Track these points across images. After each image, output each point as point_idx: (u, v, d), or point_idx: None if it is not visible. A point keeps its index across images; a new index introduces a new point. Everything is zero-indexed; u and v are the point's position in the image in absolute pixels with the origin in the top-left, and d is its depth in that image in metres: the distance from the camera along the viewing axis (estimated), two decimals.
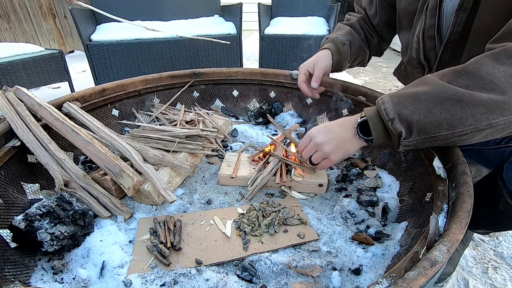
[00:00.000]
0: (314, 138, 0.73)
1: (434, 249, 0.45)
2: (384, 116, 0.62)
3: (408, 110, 0.58)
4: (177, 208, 0.80)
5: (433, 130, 0.57)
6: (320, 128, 0.74)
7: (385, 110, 0.61)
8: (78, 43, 3.68)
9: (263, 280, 0.61)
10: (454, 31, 0.75)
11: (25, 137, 0.77)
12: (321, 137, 0.72)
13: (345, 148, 0.71)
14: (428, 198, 0.70)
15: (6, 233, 0.65)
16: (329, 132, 0.72)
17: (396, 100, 0.61)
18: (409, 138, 0.60)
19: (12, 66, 1.87)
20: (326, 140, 0.71)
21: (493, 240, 1.11)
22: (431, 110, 0.57)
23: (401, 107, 0.59)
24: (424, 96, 0.58)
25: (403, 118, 0.59)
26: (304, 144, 0.77)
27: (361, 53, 1.06)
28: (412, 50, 0.87)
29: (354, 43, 1.03)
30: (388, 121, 0.61)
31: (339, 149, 0.71)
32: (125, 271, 0.62)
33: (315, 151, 0.74)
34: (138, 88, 1.15)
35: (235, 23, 2.45)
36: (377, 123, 0.64)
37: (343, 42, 1.00)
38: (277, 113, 1.29)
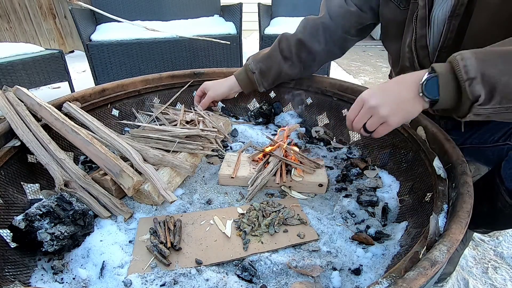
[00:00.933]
0: (368, 102, 0.63)
1: (434, 249, 0.45)
2: (461, 75, 0.52)
3: (496, 69, 0.50)
4: (177, 208, 0.80)
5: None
6: (374, 90, 0.64)
7: (465, 67, 0.52)
8: (78, 43, 3.68)
9: (263, 280, 0.61)
10: (447, 37, 0.74)
11: (25, 137, 0.77)
12: (376, 99, 0.62)
13: (405, 109, 0.61)
14: (428, 198, 0.70)
15: (6, 233, 0.65)
16: (385, 92, 0.62)
17: (481, 56, 0.52)
18: (486, 104, 0.51)
19: (12, 66, 1.87)
20: (382, 101, 0.61)
21: (493, 240, 1.11)
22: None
23: (487, 65, 0.50)
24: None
25: (487, 78, 0.50)
26: (355, 111, 0.67)
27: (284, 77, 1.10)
28: (405, 59, 0.86)
29: (268, 70, 1.07)
30: (466, 80, 0.52)
31: (398, 111, 0.61)
32: (125, 271, 0.62)
33: (369, 117, 0.65)
34: (138, 88, 1.15)
35: (235, 23, 2.45)
36: (449, 82, 0.55)
37: (252, 71, 1.06)
38: (277, 113, 1.29)
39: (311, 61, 1.08)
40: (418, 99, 0.59)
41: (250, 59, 1.10)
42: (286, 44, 1.05)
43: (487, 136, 0.79)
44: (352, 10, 0.93)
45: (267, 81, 1.10)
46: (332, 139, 1.15)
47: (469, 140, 0.85)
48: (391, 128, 0.64)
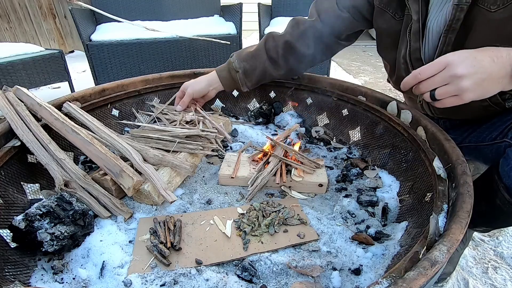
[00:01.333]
0: (455, 67, 0.56)
1: (434, 249, 0.45)
2: None
3: None
4: (177, 208, 0.80)
5: None
6: (466, 56, 0.57)
7: None
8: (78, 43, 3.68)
9: (263, 280, 0.61)
10: (443, 50, 0.73)
11: (25, 137, 0.77)
12: (466, 67, 0.55)
13: (488, 88, 0.57)
14: (428, 198, 0.70)
15: (6, 233, 0.65)
16: (477, 64, 0.55)
17: None
18: None
19: (12, 66, 1.87)
20: (470, 72, 0.55)
21: (493, 240, 1.11)
22: None
23: None
24: None
25: None
26: (431, 71, 0.60)
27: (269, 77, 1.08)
28: (401, 70, 0.86)
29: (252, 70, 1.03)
30: None
31: (481, 87, 0.56)
32: (125, 271, 0.62)
33: (445, 84, 0.59)
34: (138, 88, 1.15)
35: (235, 23, 2.45)
36: None
37: (236, 70, 1.03)
38: (277, 113, 1.29)
39: (297, 63, 1.05)
40: (508, 80, 0.56)
41: (234, 56, 1.06)
42: (273, 44, 1.02)
43: (485, 135, 0.79)
44: (344, 16, 0.92)
45: (251, 81, 1.07)
46: (332, 139, 1.15)
47: (467, 139, 0.85)
48: (462, 103, 0.59)
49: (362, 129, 1.08)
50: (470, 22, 0.67)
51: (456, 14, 0.67)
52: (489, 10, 0.63)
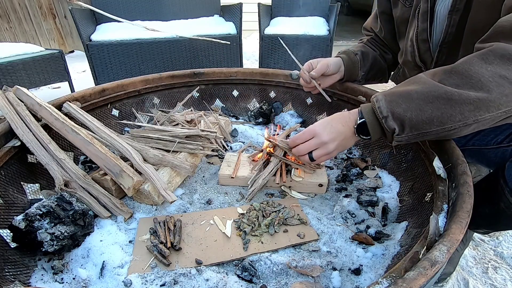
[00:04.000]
0: (320, 136, 0.72)
1: (434, 249, 0.45)
2: (378, 114, 0.64)
3: (400, 108, 0.61)
4: (177, 208, 0.80)
5: (424, 127, 0.60)
6: (324, 126, 0.73)
7: (379, 108, 0.63)
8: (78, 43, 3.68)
9: (263, 280, 0.61)
10: (448, 32, 0.76)
11: (25, 137, 0.77)
12: (327, 135, 0.72)
13: (346, 144, 0.74)
14: (428, 198, 0.70)
15: (6, 233, 0.65)
16: (333, 130, 0.72)
17: (389, 98, 0.63)
18: (401, 134, 0.62)
19: (12, 66, 1.87)
20: (332, 138, 0.72)
21: (493, 240, 1.11)
22: (423, 108, 0.59)
23: (394, 105, 0.62)
24: (416, 95, 0.60)
25: (396, 116, 0.61)
26: (303, 139, 0.76)
27: (376, 66, 1.07)
28: (407, 53, 0.88)
29: (367, 54, 1.04)
30: (382, 118, 0.63)
31: (341, 146, 0.73)
32: (125, 271, 0.62)
33: (317, 148, 0.74)
34: (138, 88, 1.15)
35: (235, 23, 2.45)
36: (373, 121, 0.66)
37: (354, 52, 1.02)
38: (277, 113, 1.29)
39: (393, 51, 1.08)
40: (354, 137, 0.72)
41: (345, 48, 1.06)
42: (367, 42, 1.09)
43: (490, 138, 0.79)
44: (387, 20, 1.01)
45: (365, 66, 1.05)
46: None
47: (471, 141, 0.84)
48: (331, 157, 0.77)
49: None
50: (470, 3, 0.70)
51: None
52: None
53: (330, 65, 0.99)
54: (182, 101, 1.20)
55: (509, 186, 0.67)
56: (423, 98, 0.59)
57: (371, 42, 1.09)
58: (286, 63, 2.50)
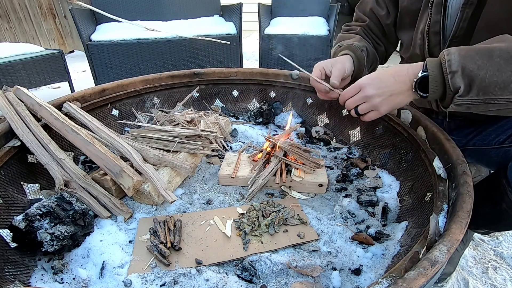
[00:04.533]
0: (365, 90, 0.69)
1: (434, 249, 0.45)
2: (445, 68, 0.57)
3: (475, 64, 0.54)
4: (177, 208, 0.80)
5: (495, 92, 0.53)
6: (372, 78, 0.69)
7: (449, 61, 0.57)
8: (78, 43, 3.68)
9: (263, 280, 0.61)
10: (460, 26, 0.74)
11: (25, 137, 0.77)
12: (373, 89, 0.67)
13: (396, 100, 0.68)
14: (428, 198, 0.70)
15: (6, 233, 0.65)
16: (382, 83, 0.67)
17: (464, 52, 0.56)
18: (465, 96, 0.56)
19: (12, 66, 1.87)
20: (378, 92, 0.67)
21: (493, 240, 1.11)
22: (502, 68, 0.53)
23: (468, 60, 0.55)
24: (498, 52, 0.53)
25: (467, 72, 0.55)
26: (350, 93, 0.72)
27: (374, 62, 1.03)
28: (416, 47, 0.85)
29: (369, 50, 0.98)
30: (449, 73, 0.57)
31: (390, 101, 0.68)
32: (125, 271, 0.62)
33: (362, 102, 0.70)
34: (138, 88, 1.15)
35: (235, 23, 2.45)
36: (438, 78, 0.59)
37: (361, 49, 0.92)
38: (277, 113, 1.29)
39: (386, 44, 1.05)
40: (410, 92, 0.65)
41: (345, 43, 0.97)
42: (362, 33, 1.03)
43: (491, 138, 0.79)
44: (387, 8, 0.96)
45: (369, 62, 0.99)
46: (332, 139, 1.15)
47: (472, 141, 0.84)
48: (380, 115, 0.71)
49: (362, 129, 1.08)
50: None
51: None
52: None
53: (346, 69, 0.87)
54: (182, 101, 1.20)
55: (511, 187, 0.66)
56: (507, 57, 0.52)
57: (365, 32, 1.02)
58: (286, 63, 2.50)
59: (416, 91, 0.64)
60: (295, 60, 0.98)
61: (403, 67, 0.67)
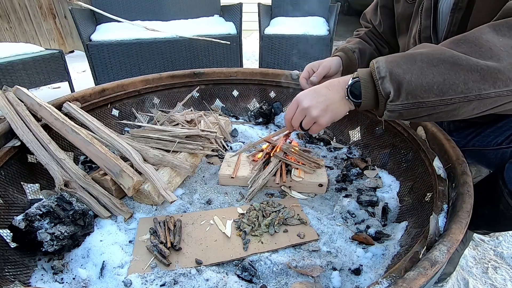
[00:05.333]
0: (302, 103, 0.70)
1: (434, 249, 0.45)
2: (375, 75, 0.60)
3: (400, 69, 0.57)
4: (177, 208, 0.80)
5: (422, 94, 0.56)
6: (307, 92, 0.70)
7: (377, 68, 0.60)
8: (78, 43, 3.68)
9: (263, 280, 0.61)
10: (450, 30, 0.75)
11: (25, 137, 0.77)
12: (308, 100, 0.69)
13: (333, 110, 0.68)
14: (428, 198, 0.70)
15: (6, 233, 0.65)
16: (316, 95, 0.69)
17: (390, 59, 0.59)
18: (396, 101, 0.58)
19: (12, 66, 1.86)
20: (313, 103, 0.68)
21: (493, 240, 1.11)
22: (425, 71, 0.56)
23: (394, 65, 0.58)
24: (420, 57, 0.57)
25: (394, 77, 0.57)
26: (292, 111, 0.74)
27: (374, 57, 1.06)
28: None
29: (364, 51, 1.03)
30: (379, 79, 0.59)
31: (327, 112, 0.68)
32: (125, 271, 0.62)
33: (303, 117, 0.71)
34: (138, 88, 1.15)
35: (235, 23, 2.45)
36: (368, 83, 0.62)
37: (352, 50, 1.01)
38: (277, 113, 1.29)
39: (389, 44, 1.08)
40: (344, 101, 0.67)
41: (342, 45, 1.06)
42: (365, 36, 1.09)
43: (490, 139, 0.79)
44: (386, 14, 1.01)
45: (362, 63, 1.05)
46: (332, 139, 1.15)
47: (471, 142, 0.84)
48: (322, 127, 0.71)
49: (362, 129, 1.08)
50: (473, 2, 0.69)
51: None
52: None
53: (331, 67, 0.98)
54: (182, 101, 1.20)
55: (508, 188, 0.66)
56: (427, 60, 0.56)
57: (368, 35, 1.08)
58: (286, 63, 2.50)
59: (349, 98, 0.66)
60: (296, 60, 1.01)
61: (335, 79, 0.70)
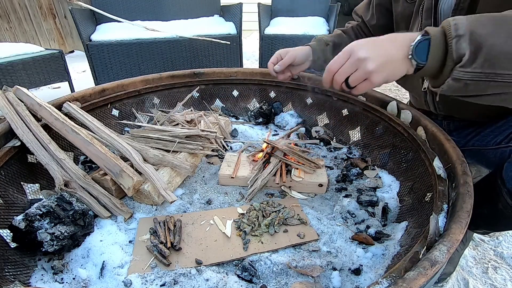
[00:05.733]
0: (356, 52, 0.59)
1: (434, 249, 0.45)
2: (450, 32, 0.51)
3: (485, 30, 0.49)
4: (177, 208, 0.80)
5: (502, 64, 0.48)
6: (365, 41, 0.60)
7: (455, 25, 0.51)
8: (78, 43, 3.68)
9: (263, 280, 0.61)
10: None
11: (25, 137, 0.77)
12: (366, 51, 0.58)
13: (391, 68, 0.59)
14: (428, 198, 0.70)
15: (6, 233, 0.65)
16: (376, 46, 0.59)
17: (473, 18, 0.51)
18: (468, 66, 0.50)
19: (12, 66, 1.86)
20: (372, 55, 0.58)
21: (493, 240, 1.11)
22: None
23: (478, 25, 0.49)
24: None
25: (474, 37, 0.49)
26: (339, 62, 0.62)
27: None
28: None
29: (339, 44, 1.02)
30: (454, 37, 0.51)
31: (385, 69, 0.58)
32: (125, 271, 0.62)
33: (354, 70, 0.61)
34: (138, 88, 1.15)
35: (235, 23, 2.44)
36: (439, 43, 0.53)
37: (326, 42, 1.01)
38: (277, 113, 1.29)
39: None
40: (406, 61, 0.58)
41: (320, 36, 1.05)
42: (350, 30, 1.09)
43: (489, 139, 0.79)
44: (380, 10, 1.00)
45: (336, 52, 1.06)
46: (332, 139, 1.15)
47: (471, 142, 0.84)
48: (373, 86, 0.62)
49: (362, 129, 1.08)
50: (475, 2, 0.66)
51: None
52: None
53: (297, 56, 0.97)
54: (182, 101, 1.20)
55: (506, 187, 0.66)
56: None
57: (354, 29, 1.08)
58: None
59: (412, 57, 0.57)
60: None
61: (399, 34, 0.60)
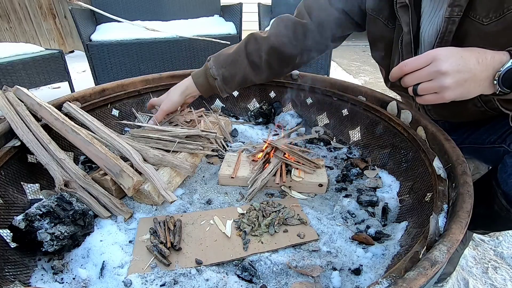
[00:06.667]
0: (439, 63, 0.54)
1: (434, 249, 0.45)
2: None
3: None
4: (177, 208, 0.80)
5: None
6: (453, 52, 0.55)
7: None
8: (78, 43, 3.68)
9: (263, 280, 0.61)
10: None
11: (25, 137, 0.77)
12: (450, 65, 0.54)
13: (468, 87, 0.55)
14: (428, 198, 0.70)
15: (6, 233, 0.65)
16: (462, 62, 0.54)
17: None
18: None
19: (12, 66, 1.86)
20: (454, 70, 0.53)
21: (493, 240, 1.11)
22: None
23: None
24: None
25: None
26: (418, 64, 0.57)
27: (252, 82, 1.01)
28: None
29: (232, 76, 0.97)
30: None
31: (461, 87, 0.54)
32: (125, 271, 0.62)
33: (429, 79, 0.56)
34: (138, 88, 1.15)
35: (235, 23, 2.45)
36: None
37: (214, 77, 0.97)
38: (277, 113, 1.29)
39: (283, 67, 1.01)
40: (488, 83, 0.55)
41: (211, 61, 0.98)
42: (255, 47, 0.95)
43: (484, 137, 0.79)
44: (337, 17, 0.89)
45: (231, 88, 1.01)
46: (332, 139, 1.15)
47: (468, 139, 0.85)
48: (442, 101, 0.57)
49: (362, 129, 1.08)
50: (463, 35, 0.65)
51: (448, 26, 0.65)
52: (482, 23, 0.61)
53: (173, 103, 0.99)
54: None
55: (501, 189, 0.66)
56: None
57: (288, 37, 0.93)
58: None
59: (497, 84, 0.54)
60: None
61: (487, 52, 0.55)
